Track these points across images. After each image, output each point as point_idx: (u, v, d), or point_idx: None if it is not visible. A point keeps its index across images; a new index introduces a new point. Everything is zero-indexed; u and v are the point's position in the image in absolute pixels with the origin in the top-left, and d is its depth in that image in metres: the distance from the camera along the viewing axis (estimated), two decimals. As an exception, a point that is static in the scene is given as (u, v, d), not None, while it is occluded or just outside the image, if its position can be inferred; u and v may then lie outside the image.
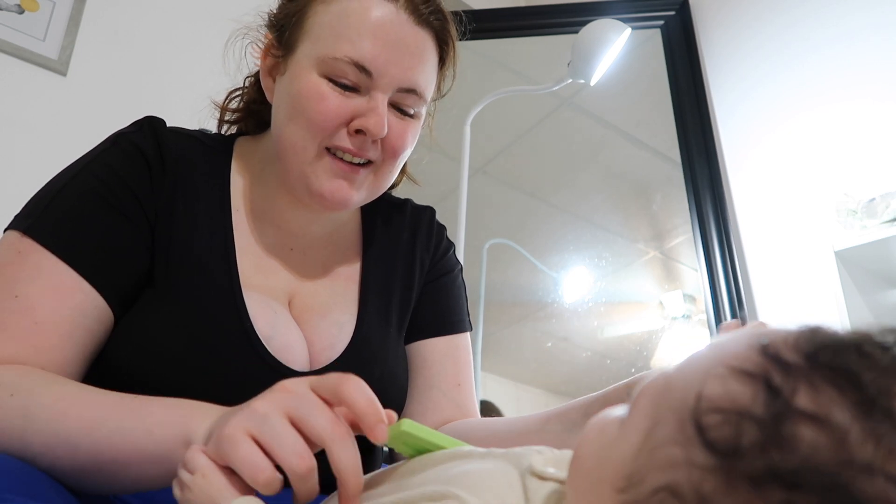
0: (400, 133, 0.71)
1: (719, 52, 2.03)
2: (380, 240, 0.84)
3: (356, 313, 0.77)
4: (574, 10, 2.14)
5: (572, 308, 2.15)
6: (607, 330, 2.10)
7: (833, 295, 1.44)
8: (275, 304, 0.72)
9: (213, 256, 0.69)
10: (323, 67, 0.68)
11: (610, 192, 2.26)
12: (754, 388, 0.29)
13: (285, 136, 0.70)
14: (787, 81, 1.84)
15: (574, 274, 2.18)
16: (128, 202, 0.66)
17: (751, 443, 0.27)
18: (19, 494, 0.45)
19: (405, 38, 0.69)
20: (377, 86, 0.68)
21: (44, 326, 0.59)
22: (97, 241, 0.64)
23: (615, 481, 0.32)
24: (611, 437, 0.34)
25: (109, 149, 0.69)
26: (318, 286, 0.77)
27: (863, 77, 1.68)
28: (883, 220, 1.42)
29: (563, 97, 2.21)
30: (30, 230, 0.62)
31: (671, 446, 0.30)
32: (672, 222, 2.04)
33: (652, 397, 0.33)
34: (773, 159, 1.82)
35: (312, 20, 0.70)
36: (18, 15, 1.51)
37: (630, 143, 2.25)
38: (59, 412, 0.52)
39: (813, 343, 0.29)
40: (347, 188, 0.70)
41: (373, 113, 0.67)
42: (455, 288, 0.89)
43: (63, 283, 0.61)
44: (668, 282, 2.07)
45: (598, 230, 2.23)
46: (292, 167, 0.70)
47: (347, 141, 0.68)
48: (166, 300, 0.66)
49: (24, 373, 0.56)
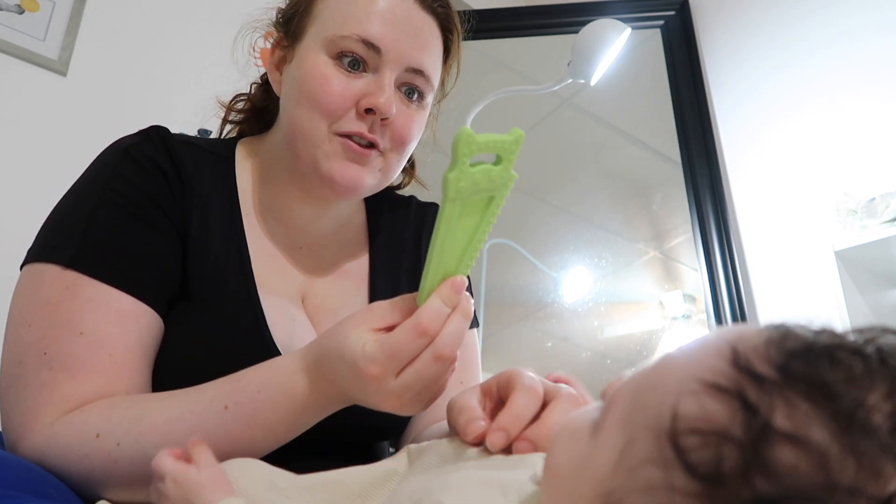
0: (406, 121, 0.71)
1: (719, 52, 2.03)
2: (385, 235, 0.84)
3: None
4: (574, 9, 2.14)
5: (572, 308, 2.15)
6: (607, 330, 2.10)
7: (833, 295, 1.44)
8: (291, 309, 0.72)
9: (229, 263, 0.69)
10: (330, 47, 0.68)
11: (610, 191, 2.26)
12: (730, 405, 0.28)
13: (294, 121, 0.70)
14: (787, 81, 1.84)
15: (574, 274, 2.18)
16: (157, 215, 0.66)
17: (733, 468, 0.27)
18: (24, 492, 0.45)
19: (412, 20, 0.70)
20: (385, 63, 0.68)
21: (117, 358, 0.59)
22: (141, 260, 0.63)
23: (592, 499, 0.31)
24: (583, 446, 0.33)
25: (123, 162, 0.67)
26: (329, 285, 0.77)
27: (863, 77, 1.68)
28: (883, 219, 1.42)
29: (563, 97, 2.21)
30: (73, 263, 0.60)
31: (650, 467, 0.29)
32: (672, 222, 2.04)
33: (624, 408, 0.32)
34: (772, 159, 1.82)
35: (320, 6, 0.71)
36: (18, 15, 1.51)
37: (630, 143, 2.25)
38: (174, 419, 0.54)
39: (783, 350, 0.29)
40: (358, 170, 0.69)
41: (381, 91, 0.67)
42: None
43: (123, 309, 0.60)
44: (668, 282, 2.07)
45: (598, 230, 2.23)
46: (302, 152, 0.69)
47: (356, 124, 0.68)
48: (189, 311, 0.66)
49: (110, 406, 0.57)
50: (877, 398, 0.27)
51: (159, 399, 0.57)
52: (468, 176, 0.42)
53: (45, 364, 0.57)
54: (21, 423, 0.56)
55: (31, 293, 0.60)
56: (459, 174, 0.42)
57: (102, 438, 0.53)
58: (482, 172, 0.43)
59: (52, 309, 0.58)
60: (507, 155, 0.43)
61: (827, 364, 0.28)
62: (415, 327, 0.47)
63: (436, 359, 0.48)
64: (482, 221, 0.47)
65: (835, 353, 0.28)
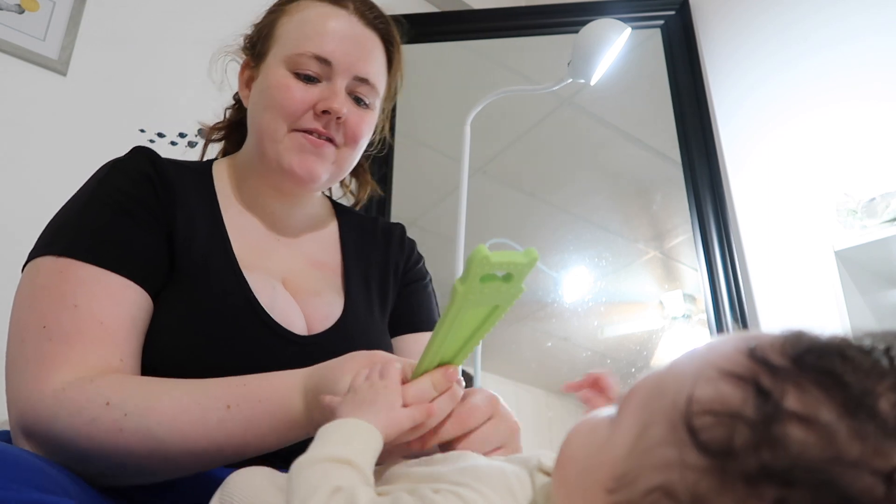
0: (357, 120, 0.82)
1: (719, 52, 2.03)
2: (356, 245, 0.93)
3: (343, 297, 0.85)
4: (574, 9, 2.14)
5: (572, 308, 2.15)
6: (607, 330, 2.10)
7: (833, 295, 1.44)
8: (272, 282, 0.80)
9: (213, 250, 0.77)
10: (289, 63, 0.81)
11: (610, 191, 2.26)
12: (744, 390, 0.29)
13: (260, 124, 0.81)
14: (787, 81, 1.84)
15: (574, 273, 2.18)
16: (143, 214, 0.73)
17: (743, 443, 0.28)
18: (25, 485, 0.45)
19: (357, 36, 0.83)
20: (336, 73, 0.81)
21: (110, 326, 0.65)
22: (128, 247, 0.70)
23: (605, 482, 0.32)
24: (600, 438, 0.34)
25: (112, 174, 0.75)
26: (307, 272, 0.86)
27: (863, 77, 1.68)
28: (883, 219, 1.42)
29: (563, 97, 2.21)
30: (65, 251, 0.67)
31: (664, 447, 0.30)
32: (672, 222, 2.04)
33: (641, 399, 0.34)
34: (773, 159, 1.82)
35: (279, 30, 0.84)
36: (18, 15, 1.51)
37: (630, 143, 2.25)
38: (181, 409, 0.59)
39: (798, 347, 0.30)
40: (314, 160, 0.80)
41: (334, 95, 0.80)
42: (426, 293, 0.96)
43: (112, 286, 0.67)
44: (668, 281, 2.07)
45: (598, 230, 2.23)
46: (267, 149, 0.81)
47: (313, 123, 0.80)
48: (179, 291, 0.73)
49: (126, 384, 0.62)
50: (883, 389, 0.28)
51: (168, 385, 0.61)
52: (477, 290, 0.44)
53: (46, 337, 0.62)
54: (30, 391, 0.60)
55: (29, 283, 0.67)
56: (469, 289, 0.43)
57: (111, 407, 0.58)
58: (492, 288, 0.44)
59: (48, 291, 0.65)
60: (519, 274, 0.44)
61: (838, 359, 0.29)
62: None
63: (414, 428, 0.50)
64: (485, 323, 0.49)
65: (846, 351, 0.30)
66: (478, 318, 0.48)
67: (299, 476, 0.40)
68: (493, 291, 0.45)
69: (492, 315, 0.48)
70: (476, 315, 0.47)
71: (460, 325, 0.47)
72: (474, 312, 0.47)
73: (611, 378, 0.61)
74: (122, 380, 0.62)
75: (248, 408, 0.58)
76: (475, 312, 0.47)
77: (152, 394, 0.60)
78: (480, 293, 0.44)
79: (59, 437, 0.58)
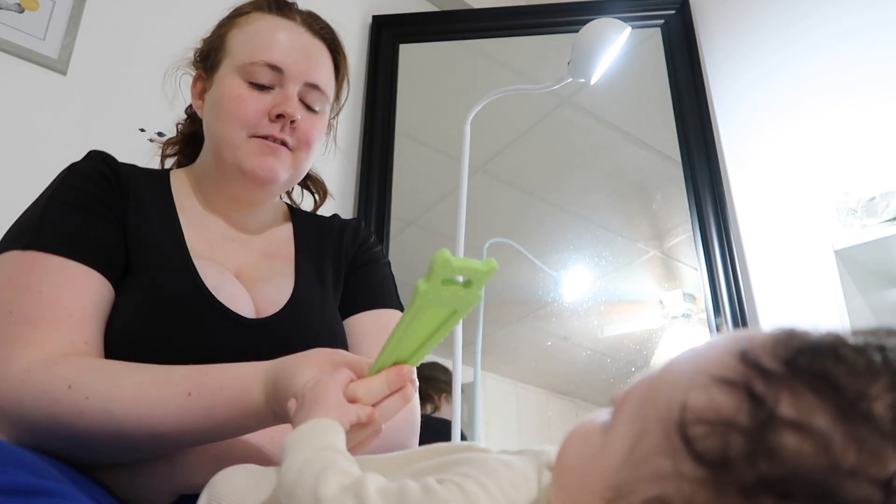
0: (310, 124, 0.86)
1: (719, 51, 2.03)
2: (309, 237, 0.96)
3: (294, 280, 0.87)
4: (574, 9, 2.14)
5: (572, 307, 2.15)
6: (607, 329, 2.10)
7: (833, 294, 1.44)
8: (221, 268, 0.82)
9: (165, 239, 0.80)
10: (242, 72, 0.84)
11: (610, 191, 2.26)
12: (737, 397, 0.29)
13: (217, 133, 0.84)
14: (787, 81, 1.84)
15: (574, 273, 2.18)
16: (101, 208, 0.77)
17: (739, 454, 0.28)
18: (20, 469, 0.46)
19: (305, 45, 0.88)
20: (287, 80, 0.84)
21: (74, 310, 0.67)
22: (88, 238, 0.74)
23: (602, 491, 0.32)
24: (594, 445, 0.34)
25: (68, 175, 0.80)
26: (259, 264, 0.88)
27: (863, 77, 1.68)
28: (883, 219, 1.42)
29: (562, 96, 2.21)
30: (29, 245, 0.70)
31: (659, 457, 0.30)
32: (672, 221, 2.04)
33: (635, 405, 0.33)
34: (773, 159, 1.82)
35: (231, 42, 0.87)
36: (18, 14, 1.51)
37: (630, 143, 2.25)
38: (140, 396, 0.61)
39: (790, 348, 0.30)
40: (273, 161, 0.84)
41: (287, 100, 0.84)
42: (381, 273, 0.97)
43: (75, 275, 0.70)
44: (668, 281, 2.07)
45: (598, 229, 2.23)
46: (226, 156, 0.83)
47: (268, 128, 0.83)
48: (132, 277, 0.76)
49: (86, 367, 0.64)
50: (878, 390, 0.28)
51: (131, 369, 0.64)
52: (438, 292, 0.46)
53: (12, 322, 0.65)
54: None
55: None
56: (429, 289, 0.46)
57: (74, 390, 0.60)
58: (451, 292, 0.47)
59: (14, 282, 0.68)
60: (478, 281, 0.47)
61: (831, 360, 0.29)
62: (349, 394, 0.52)
63: (359, 424, 0.52)
64: (442, 327, 0.52)
65: (839, 350, 0.29)
66: (436, 320, 0.51)
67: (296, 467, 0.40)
68: (452, 295, 0.47)
69: (449, 320, 0.51)
70: (435, 317, 0.50)
71: (419, 325, 0.50)
72: (433, 314, 0.50)
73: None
74: (86, 362, 0.64)
75: (208, 395, 0.60)
76: (434, 314, 0.50)
77: (115, 378, 0.62)
78: (440, 295, 0.47)
79: (25, 417, 0.60)
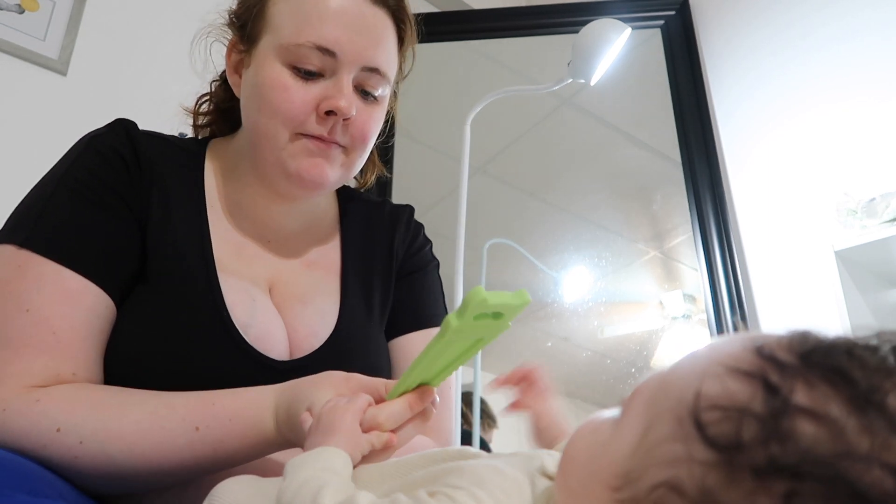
0: (366, 119, 0.72)
1: (719, 51, 2.03)
2: (358, 235, 0.85)
3: (338, 303, 0.77)
4: (574, 9, 2.14)
5: (572, 308, 2.15)
6: (607, 330, 2.10)
7: (833, 295, 1.44)
8: (254, 291, 0.71)
9: (190, 247, 0.70)
10: (286, 56, 0.69)
11: (610, 191, 2.26)
12: (753, 386, 0.29)
13: (258, 127, 0.71)
14: (786, 81, 1.84)
15: (574, 273, 2.18)
16: (114, 202, 0.67)
17: (752, 437, 0.28)
18: (19, 491, 0.45)
19: (364, 18, 0.70)
20: (341, 66, 0.69)
21: (62, 335, 0.59)
22: (94, 242, 0.64)
23: (610, 480, 0.32)
24: (603, 437, 0.34)
25: (85, 153, 0.69)
26: (299, 275, 0.77)
27: (863, 77, 1.68)
28: (883, 219, 1.42)
29: (563, 97, 2.21)
30: (26, 243, 0.62)
31: (670, 443, 0.30)
32: (672, 222, 2.04)
33: (646, 398, 0.34)
34: (773, 159, 1.82)
35: (272, 10, 0.71)
36: (18, 14, 1.51)
37: (630, 143, 2.25)
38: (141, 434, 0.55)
39: (805, 345, 0.31)
40: (323, 164, 0.70)
41: (340, 93, 0.68)
42: (429, 283, 0.88)
43: (70, 288, 0.61)
44: (668, 281, 2.07)
45: (598, 230, 2.23)
46: (267, 155, 0.71)
47: (317, 128, 0.69)
48: (148, 290, 0.67)
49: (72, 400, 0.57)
50: (891, 385, 0.28)
51: (125, 403, 0.57)
52: (470, 326, 0.45)
53: None
54: None
55: None
56: (462, 325, 0.45)
57: (63, 433, 0.54)
58: (482, 324, 0.46)
59: (2, 287, 0.60)
60: (510, 314, 0.46)
61: (845, 356, 0.29)
62: (371, 419, 0.50)
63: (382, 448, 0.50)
64: (466, 353, 0.51)
65: (852, 349, 0.30)
66: (462, 347, 0.50)
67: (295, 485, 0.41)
68: (482, 327, 0.47)
69: (475, 345, 0.50)
70: (461, 345, 0.49)
71: (445, 354, 0.49)
72: (460, 343, 0.49)
73: (541, 371, 0.62)
74: (72, 398, 0.57)
75: (217, 427, 0.56)
76: (461, 343, 0.49)
77: (109, 416, 0.55)
78: (471, 329, 0.46)
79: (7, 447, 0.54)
